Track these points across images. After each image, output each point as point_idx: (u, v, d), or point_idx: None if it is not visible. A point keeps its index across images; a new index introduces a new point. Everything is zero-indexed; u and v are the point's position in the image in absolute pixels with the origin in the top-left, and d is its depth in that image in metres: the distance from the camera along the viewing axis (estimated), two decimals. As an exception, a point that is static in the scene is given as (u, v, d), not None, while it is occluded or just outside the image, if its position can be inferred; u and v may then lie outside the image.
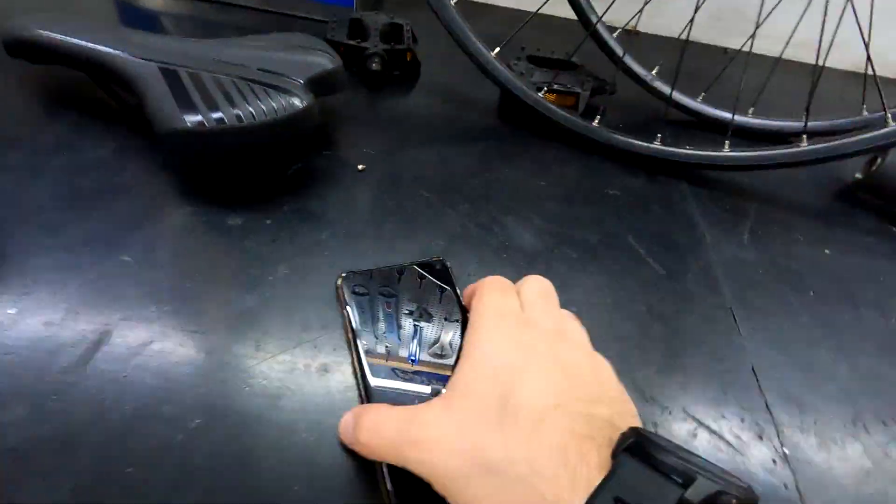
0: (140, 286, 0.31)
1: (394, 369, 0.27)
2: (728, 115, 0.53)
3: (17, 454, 0.23)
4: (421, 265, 0.33)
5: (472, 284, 0.30)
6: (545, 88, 0.50)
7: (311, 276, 0.33)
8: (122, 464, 0.24)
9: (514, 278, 0.29)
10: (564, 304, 0.29)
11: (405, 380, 0.27)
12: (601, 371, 0.25)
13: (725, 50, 0.78)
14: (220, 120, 0.34)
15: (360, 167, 0.42)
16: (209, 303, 0.31)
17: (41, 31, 0.39)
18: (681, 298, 0.38)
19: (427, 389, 0.27)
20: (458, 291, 0.32)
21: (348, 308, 0.30)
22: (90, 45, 0.38)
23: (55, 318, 0.28)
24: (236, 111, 0.34)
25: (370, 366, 0.27)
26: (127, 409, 0.25)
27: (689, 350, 0.34)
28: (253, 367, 0.28)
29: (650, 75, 0.56)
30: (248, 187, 0.39)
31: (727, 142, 0.47)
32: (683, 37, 0.49)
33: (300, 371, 0.28)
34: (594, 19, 0.54)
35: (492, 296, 0.27)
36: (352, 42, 0.53)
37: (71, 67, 0.40)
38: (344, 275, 0.31)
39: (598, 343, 0.27)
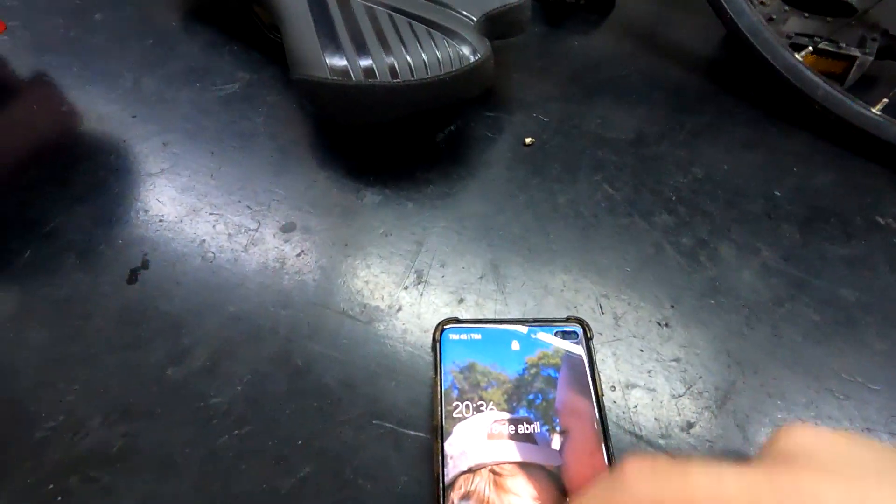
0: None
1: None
2: None
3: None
4: (552, 326, 0.24)
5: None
6: (809, 48, 0.35)
7: (438, 292, 0.26)
8: None
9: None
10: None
11: None
12: None
13: None
14: (370, 71, 0.26)
15: (527, 140, 0.33)
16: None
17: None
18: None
19: None
20: (598, 386, 0.22)
21: (441, 376, 0.22)
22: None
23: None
24: (390, 60, 0.26)
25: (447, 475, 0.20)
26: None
27: None
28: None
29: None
30: (390, 153, 0.31)
31: None
32: None
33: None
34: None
35: None
36: (536, -44, 0.40)
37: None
38: (446, 327, 0.23)
39: None
